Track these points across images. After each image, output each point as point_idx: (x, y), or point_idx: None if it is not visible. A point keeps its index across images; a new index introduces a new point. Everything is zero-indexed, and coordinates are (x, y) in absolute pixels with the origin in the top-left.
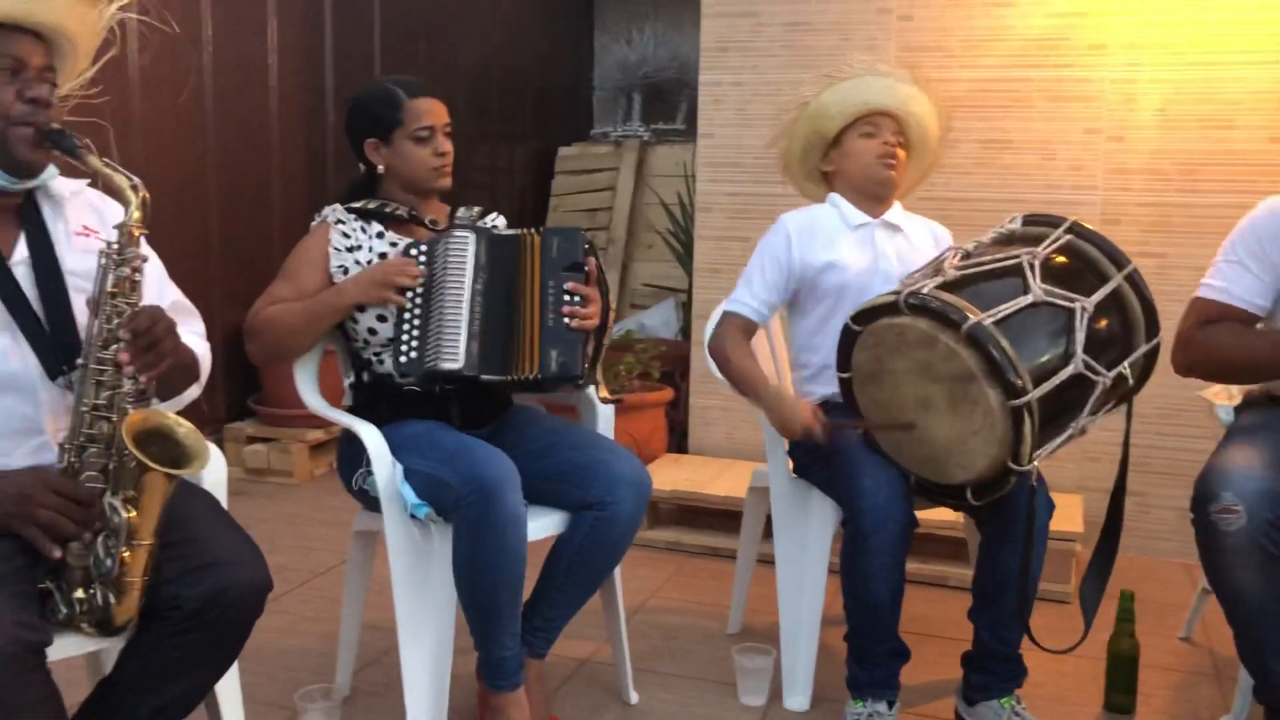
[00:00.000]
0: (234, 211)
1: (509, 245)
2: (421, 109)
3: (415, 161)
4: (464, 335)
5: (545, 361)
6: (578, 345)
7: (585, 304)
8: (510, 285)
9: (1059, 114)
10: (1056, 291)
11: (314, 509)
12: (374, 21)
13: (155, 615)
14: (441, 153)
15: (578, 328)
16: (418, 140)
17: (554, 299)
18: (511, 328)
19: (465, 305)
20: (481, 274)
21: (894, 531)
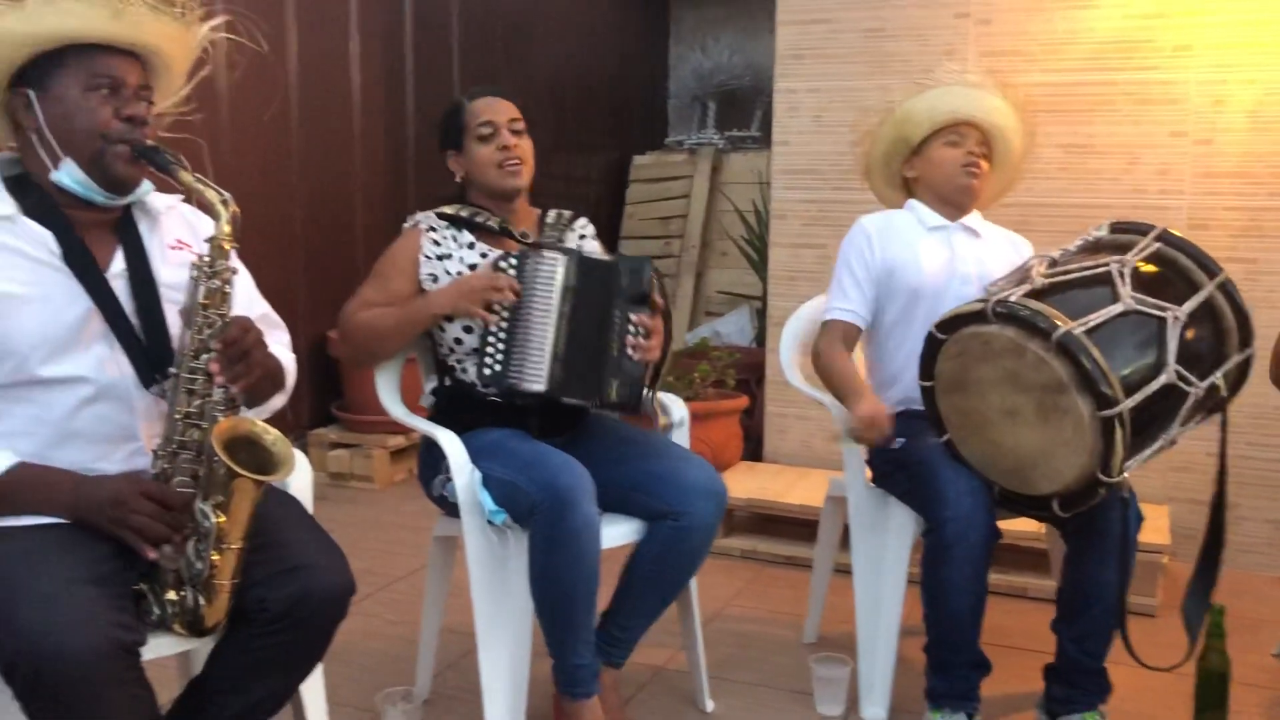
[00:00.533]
0: (317, 224)
1: (598, 270)
2: (481, 107)
3: (482, 160)
4: (548, 357)
5: (605, 390)
6: (639, 376)
7: (649, 336)
8: (590, 309)
9: (1144, 117)
10: (1147, 300)
11: (394, 514)
12: (452, 35)
13: (243, 617)
14: (504, 146)
15: (640, 359)
16: (481, 139)
17: (619, 328)
18: (591, 353)
19: (551, 327)
20: (569, 296)
21: (976, 542)
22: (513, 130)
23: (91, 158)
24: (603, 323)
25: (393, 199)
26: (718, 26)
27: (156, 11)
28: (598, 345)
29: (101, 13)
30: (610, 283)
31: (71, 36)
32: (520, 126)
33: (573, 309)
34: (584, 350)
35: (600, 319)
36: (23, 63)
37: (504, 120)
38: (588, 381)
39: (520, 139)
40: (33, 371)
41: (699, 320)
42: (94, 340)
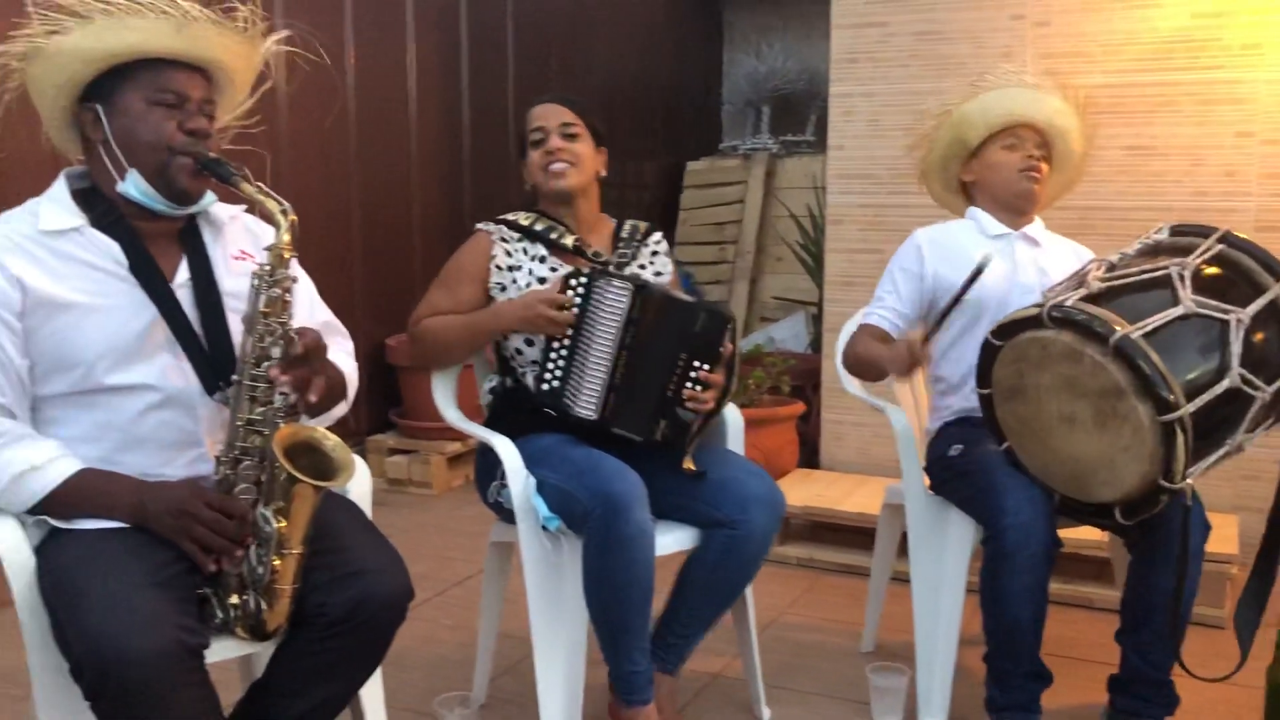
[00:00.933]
0: (375, 232)
1: (674, 309)
2: (536, 114)
3: (532, 164)
4: (603, 385)
5: (652, 429)
6: (688, 424)
7: (707, 389)
8: (654, 344)
9: (1208, 117)
10: (1209, 303)
11: (452, 519)
12: (507, 42)
13: (304, 621)
14: (549, 150)
15: (692, 409)
16: (534, 144)
17: (680, 372)
18: (647, 388)
19: (610, 357)
20: (631, 329)
21: (1036, 551)
22: (564, 134)
23: (156, 169)
24: (666, 362)
25: (449, 207)
26: (771, 31)
27: (220, 26)
28: (656, 383)
29: (166, 28)
30: (684, 325)
31: (137, 52)
32: (573, 130)
33: (635, 341)
34: (641, 385)
35: (664, 358)
36: (91, 78)
37: (554, 125)
38: (639, 416)
39: (571, 142)
40: (99, 380)
41: (753, 326)
42: (159, 349)
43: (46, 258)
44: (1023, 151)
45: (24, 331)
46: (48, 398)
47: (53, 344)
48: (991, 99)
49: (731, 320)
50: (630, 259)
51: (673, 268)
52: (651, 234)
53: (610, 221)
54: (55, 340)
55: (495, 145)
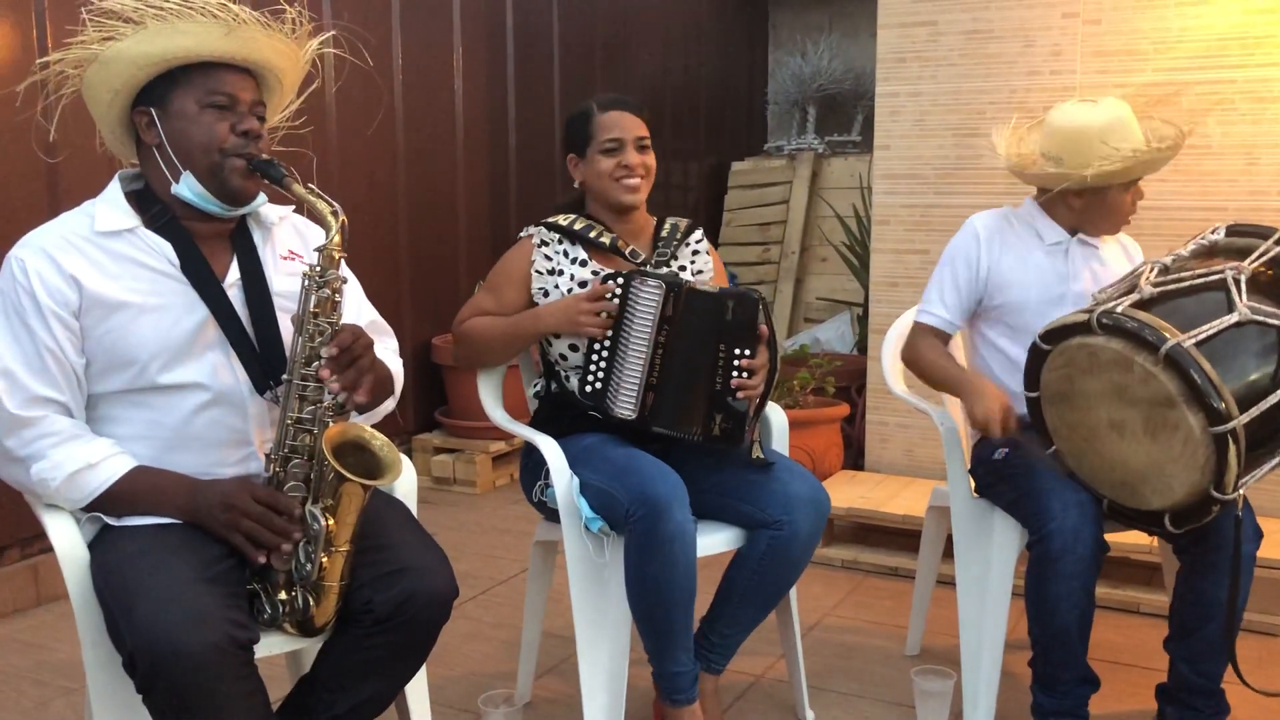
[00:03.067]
0: (421, 233)
1: (702, 302)
2: (610, 121)
3: (600, 173)
4: (640, 386)
5: (709, 425)
6: (743, 412)
7: (753, 375)
8: (690, 340)
9: (1264, 115)
10: (1265, 309)
11: (496, 518)
12: (552, 43)
13: (350, 618)
14: (625, 164)
15: (744, 398)
16: (606, 152)
17: (724, 364)
18: (686, 384)
19: (645, 356)
20: (665, 327)
21: (1083, 555)
22: (639, 147)
23: (209, 171)
24: (706, 356)
25: (494, 208)
26: (817, 31)
27: (268, 29)
28: (701, 379)
29: (216, 32)
30: (716, 316)
31: (188, 55)
32: (647, 143)
33: (669, 339)
34: (683, 382)
35: (703, 352)
36: (144, 82)
37: (631, 137)
38: (687, 413)
39: (645, 155)
40: (152, 379)
41: (798, 327)
42: (210, 347)
43: (101, 258)
44: (1134, 194)
45: (80, 330)
46: (102, 396)
47: (108, 343)
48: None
49: (761, 300)
50: (669, 258)
51: (716, 261)
52: (692, 232)
53: (652, 221)
54: (110, 339)
55: (541, 147)
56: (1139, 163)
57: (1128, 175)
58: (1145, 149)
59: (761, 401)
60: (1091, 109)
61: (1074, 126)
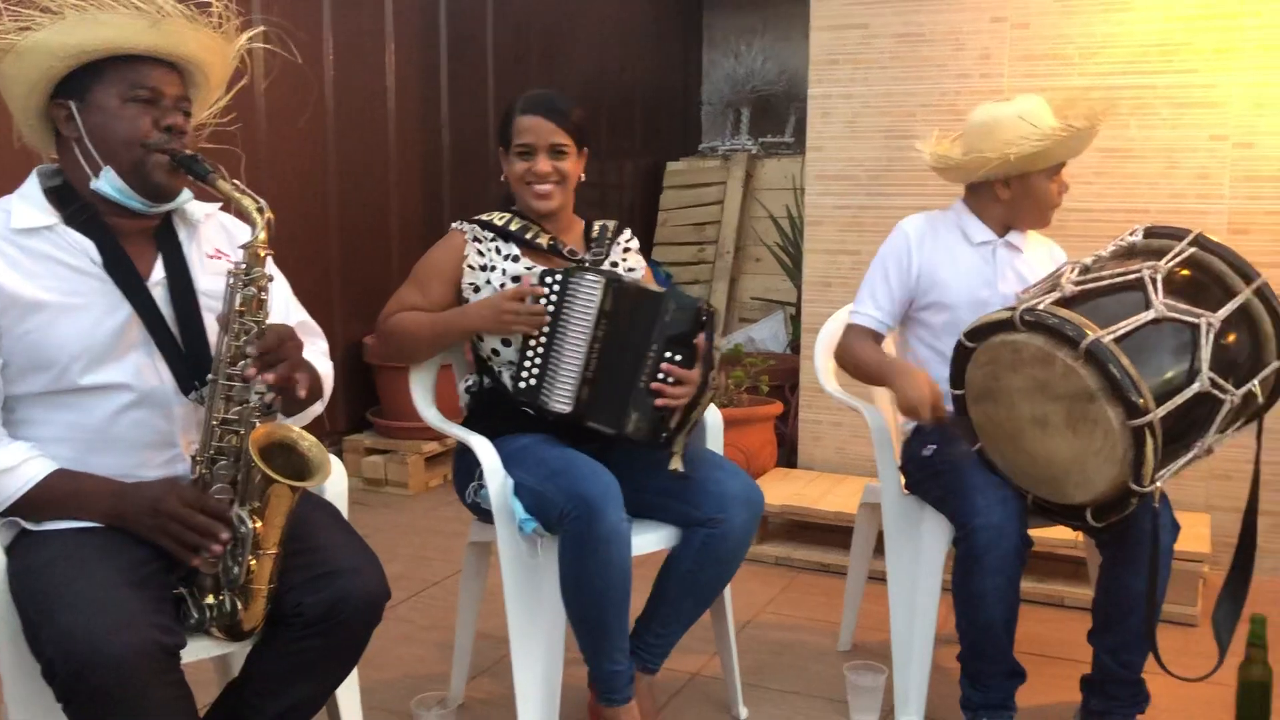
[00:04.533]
0: (353, 231)
1: (645, 300)
2: (525, 125)
3: (514, 174)
4: (577, 380)
5: (623, 420)
6: (659, 417)
7: (677, 383)
8: (627, 336)
9: (1182, 120)
10: (1180, 306)
11: (429, 519)
12: (486, 42)
13: (280, 622)
14: (535, 171)
15: (661, 405)
16: (519, 155)
17: (652, 364)
18: (619, 379)
19: (583, 350)
20: (604, 321)
21: (1007, 551)
22: (553, 153)
23: (131, 166)
24: (637, 354)
25: (427, 206)
26: (750, 33)
27: (194, 23)
28: (628, 376)
29: (139, 24)
30: (655, 316)
31: (110, 47)
32: (564, 149)
33: (607, 333)
34: (614, 377)
35: (636, 349)
36: (63, 74)
37: (545, 143)
38: (612, 409)
39: (560, 161)
40: (73, 380)
41: (733, 326)
42: (133, 348)
43: (19, 256)
44: (1058, 182)
45: None
46: (21, 398)
47: (27, 343)
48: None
49: (704, 311)
50: (604, 256)
51: (644, 264)
52: (621, 232)
53: (580, 222)
54: (29, 340)
55: (475, 144)
56: (1058, 141)
57: (1049, 156)
58: (1063, 127)
59: (686, 414)
60: (1006, 102)
61: (991, 117)
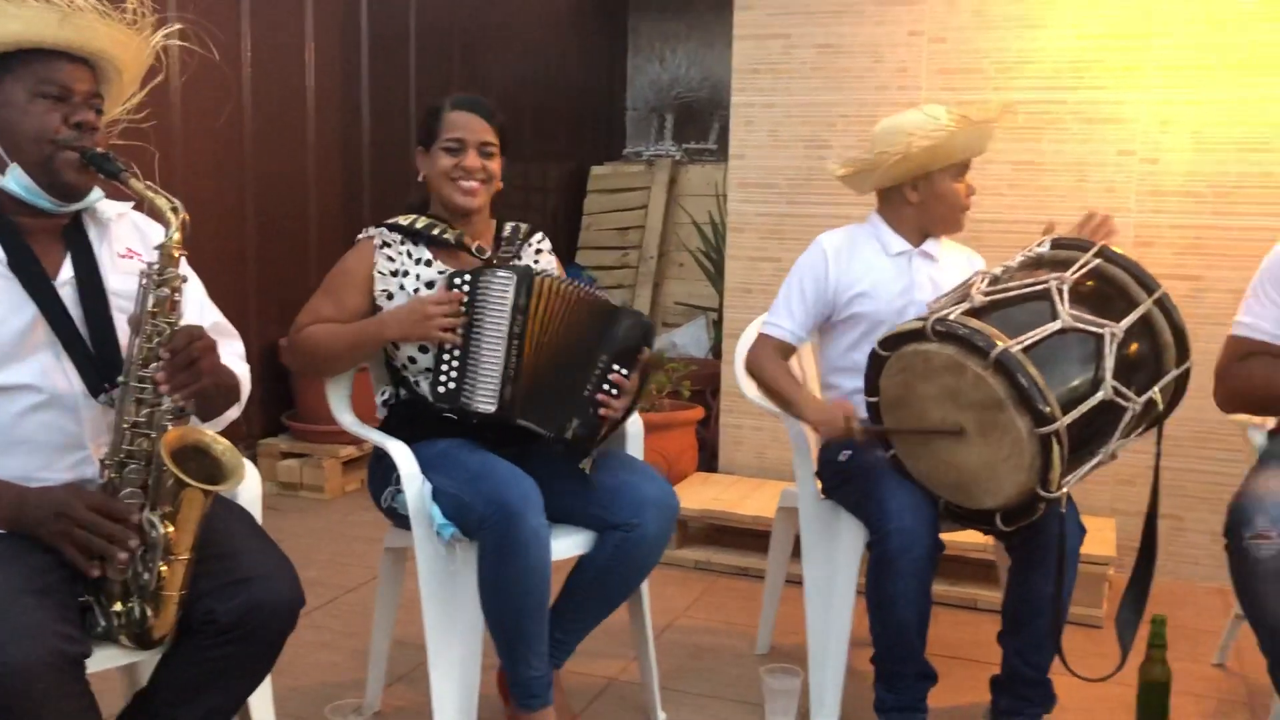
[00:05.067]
0: (270, 232)
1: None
2: (456, 120)
3: (439, 170)
4: (499, 379)
5: (565, 426)
6: (597, 426)
7: (620, 396)
8: (568, 339)
9: (1092, 136)
10: (1085, 317)
11: (346, 524)
12: (409, 43)
13: (191, 629)
14: (464, 166)
15: (604, 415)
16: (447, 151)
17: (598, 375)
18: (552, 380)
19: (502, 349)
20: (519, 317)
21: (920, 555)
22: (482, 151)
23: (39, 164)
24: (585, 361)
25: (347, 207)
26: (675, 39)
27: (107, 18)
28: (573, 380)
29: (49, 18)
30: (609, 328)
31: (19, 42)
32: (491, 149)
33: (524, 330)
34: (551, 378)
35: (583, 356)
36: None
37: (475, 140)
38: (550, 410)
39: (488, 160)
40: None
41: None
42: (39, 348)
43: None
44: (964, 184)
45: None
46: None
47: None
48: (976, 135)
49: (652, 329)
50: (513, 257)
51: (557, 265)
52: (533, 234)
53: (493, 224)
54: None
55: (396, 145)
56: (956, 132)
57: (950, 149)
58: (960, 118)
59: (615, 423)
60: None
61: (893, 120)
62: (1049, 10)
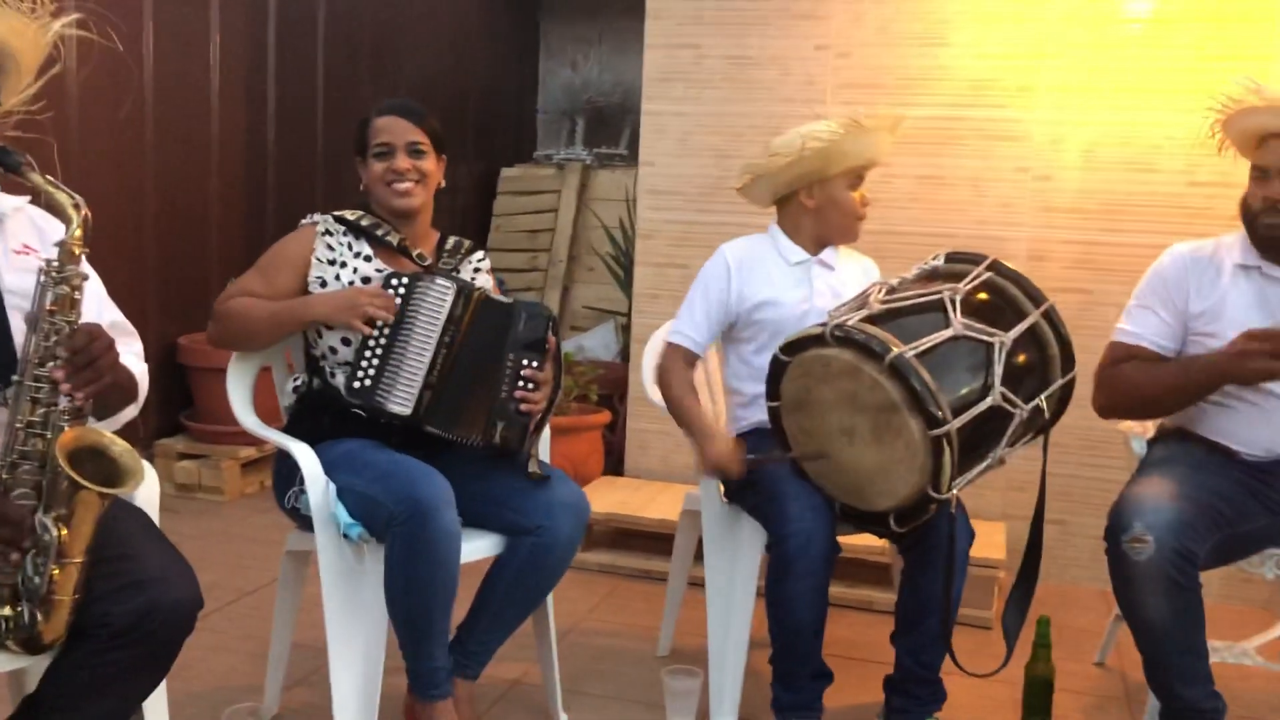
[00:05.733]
0: (171, 228)
1: (495, 310)
2: (382, 126)
3: (373, 175)
4: (419, 383)
5: (490, 431)
6: (525, 424)
7: (538, 389)
8: (477, 347)
9: (990, 152)
10: (976, 326)
11: (244, 526)
12: (317, 40)
13: (84, 633)
14: (395, 169)
15: (526, 410)
16: (377, 156)
17: (510, 374)
18: (467, 389)
19: (428, 355)
20: (451, 328)
21: (816, 557)
22: (411, 152)
23: None
24: (493, 364)
25: (250, 205)
26: (587, 43)
27: (2, 6)
28: (486, 386)
29: None
30: (506, 326)
31: None
32: (421, 148)
33: (454, 340)
34: (465, 387)
35: (491, 360)
36: None
37: (402, 141)
38: (466, 418)
39: (419, 160)
40: None
41: (564, 334)
42: None
43: None
44: (859, 192)
45: None
46: None
47: None
48: (868, 142)
49: (551, 316)
50: (454, 268)
51: (493, 285)
52: (474, 252)
53: (435, 234)
54: None
55: (302, 142)
56: (849, 138)
57: (843, 153)
58: (851, 122)
59: (544, 416)
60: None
61: (784, 135)
62: (950, 30)
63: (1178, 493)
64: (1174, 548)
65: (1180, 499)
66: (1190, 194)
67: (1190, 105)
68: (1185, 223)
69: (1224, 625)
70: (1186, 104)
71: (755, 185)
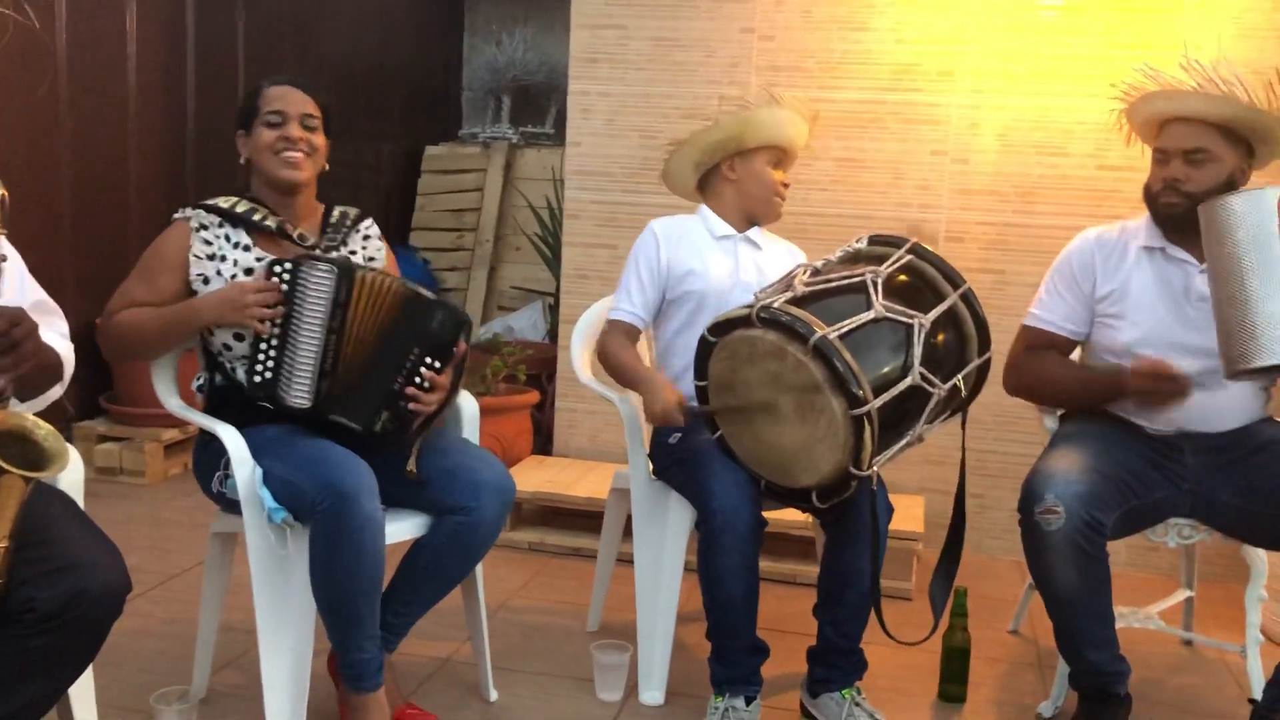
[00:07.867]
0: (88, 206)
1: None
2: (276, 94)
3: (262, 145)
4: (314, 374)
5: (374, 419)
6: (409, 420)
7: (432, 391)
8: (380, 330)
9: (909, 136)
10: (896, 308)
11: (168, 510)
12: (237, 16)
13: (9, 618)
14: (287, 136)
15: (413, 409)
16: (269, 125)
17: (410, 368)
18: (366, 373)
19: (319, 343)
20: (339, 312)
21: (743, 532)
22: (304, 124)
23: None
24: (396, 354)
25: (169, 183)
26: (513, 21)
27: None
28: (381, 373)
29: None
30: (421, 321)
31: None
32: (314, 123)
33: (344, 324)
34: (362, 372)
35: (393, 349)
36: None
37: (297, 112)
38: (358, 404)
39: (312, 134)
40: None
41: (491, 314)
42: None
43: None
44: (782, 171)
45: None
46: None
47: None
48: (785, 117)
49: (468, 323)
50: (339, 244)
51: (387, 251)
52: (361, 220)
53: (319, 208)
54: None
55: (222, 121)
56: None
57: (758, 126)
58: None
59: (428, 421)
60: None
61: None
62: (871, 14)
63: (1087, 465)
64: (1083, 518)
65: (1089, 471)
66: (1100, 177)
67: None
68: (1095, 205)
69: (1130, 592)
70: (1097, 89)
71: (679, 156)
